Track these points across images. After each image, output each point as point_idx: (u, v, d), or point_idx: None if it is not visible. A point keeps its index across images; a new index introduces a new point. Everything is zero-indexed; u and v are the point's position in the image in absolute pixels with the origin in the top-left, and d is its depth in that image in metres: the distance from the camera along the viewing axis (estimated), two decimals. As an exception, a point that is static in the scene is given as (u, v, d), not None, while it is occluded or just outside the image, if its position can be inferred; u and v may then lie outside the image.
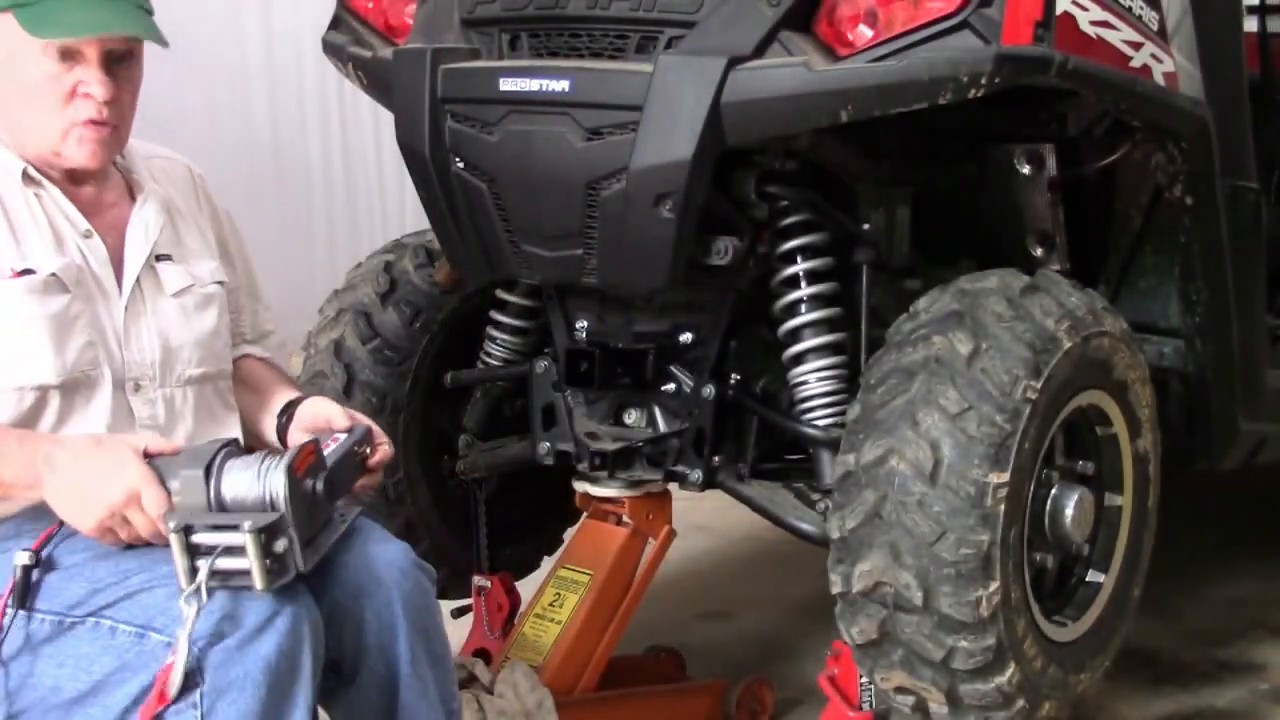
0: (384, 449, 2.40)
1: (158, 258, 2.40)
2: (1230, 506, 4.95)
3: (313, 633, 2.15)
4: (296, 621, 2.11)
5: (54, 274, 2.25)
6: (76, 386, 2.27)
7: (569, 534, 3.52)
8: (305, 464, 2.15)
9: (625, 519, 3.29)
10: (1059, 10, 2.70)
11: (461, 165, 3.02)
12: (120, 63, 2.29)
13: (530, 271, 3.09)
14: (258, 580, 2.06)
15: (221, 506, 2.10)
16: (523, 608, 3.36)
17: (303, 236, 5.60)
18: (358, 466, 2.35)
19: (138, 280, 2.36)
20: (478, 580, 3.43)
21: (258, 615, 2.08)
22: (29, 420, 2.24)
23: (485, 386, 3.47)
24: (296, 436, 2.44)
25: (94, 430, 2.27)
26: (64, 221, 2.31)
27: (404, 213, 5.76)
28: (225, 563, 2.06)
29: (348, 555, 2.28)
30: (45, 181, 2.31)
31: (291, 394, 2.54)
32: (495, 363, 3.42)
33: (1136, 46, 2.88)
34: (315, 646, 2.15)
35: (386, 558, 2.30)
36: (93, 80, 2.25)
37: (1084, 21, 2.77)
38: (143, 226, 2.39)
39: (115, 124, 2.29)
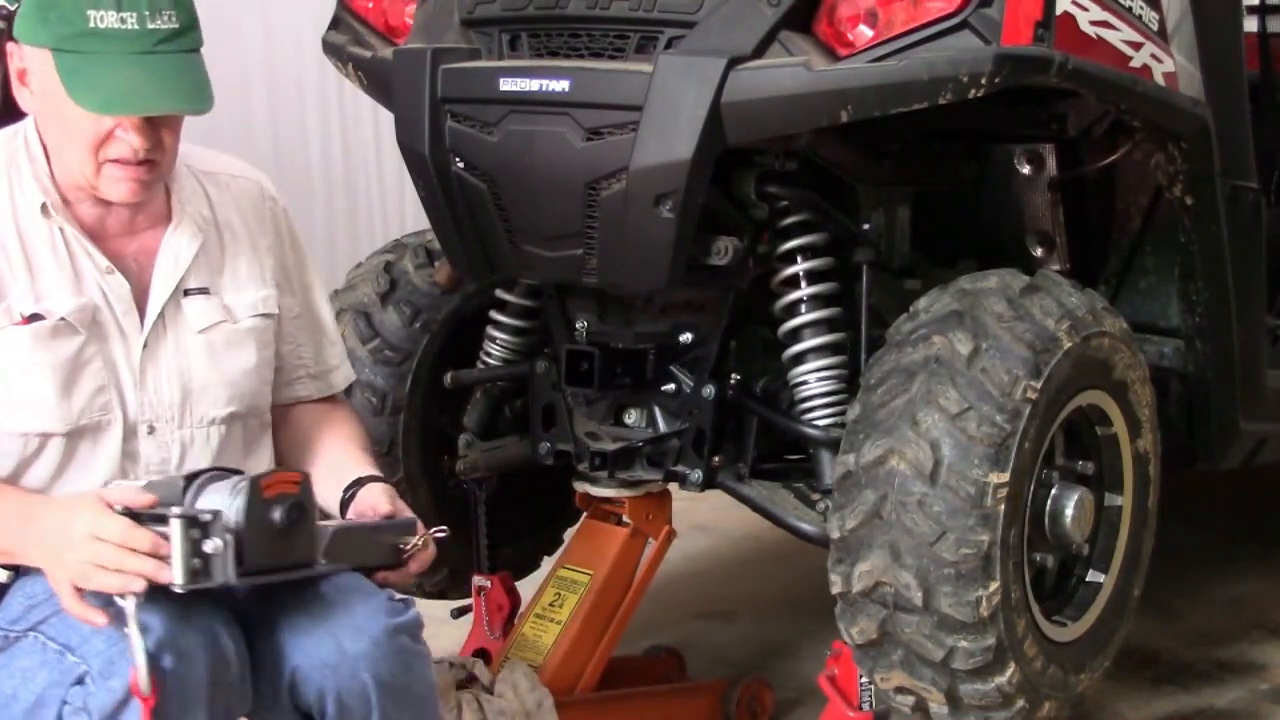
0: (425, 555, 2.27)
1: (188, 291, 2.31)
2: (1230, 506, 4.95)
3: (213, 664, 2.07)
4: (196, 648, 2.04)
5: (64, 318, 2.19)
6: (83, 433, 2.22)
7: (569, 534, 3.52)
8: (277, 488, 2.07)
9: (625, 519, 3.29)
10: (1059, 10, 2.70)
11: (461, 165, 3.02)
12: None
13: (530, 271, 3.09)
14: (177, 573, 1.98)
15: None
16: (523, 608, 3.36)
17: (303, 236, 5.59)
18: (386, 551, 2.24)
19: (162, 317, 2.28)
20: (478, 580, 3.43)
21: (156, 635, 2.01)
22: (30, 463, 2.21)
23: (485, 386, 3.46)
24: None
25: (97, 475, 2.23)
26: (85, 257, 2.24)
27: (404, 213, 5.75)
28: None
29: (312, 622, 2.19)
30: (68, 217, 2.24)
31: (363, 467, 2.41)
32: (495, 363, 3.42)
33: (1136, 46, 2.88)
34: (215, 675, 2.07)
35: (355, 625, 2.18)
36: (129, 127, 2.17)
37: (1084, 21, 2.77)
38: (171, 258, 2.30)
39: (154, 160, 2.21)
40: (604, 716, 3.27)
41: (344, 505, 2.35)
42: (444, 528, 2.32)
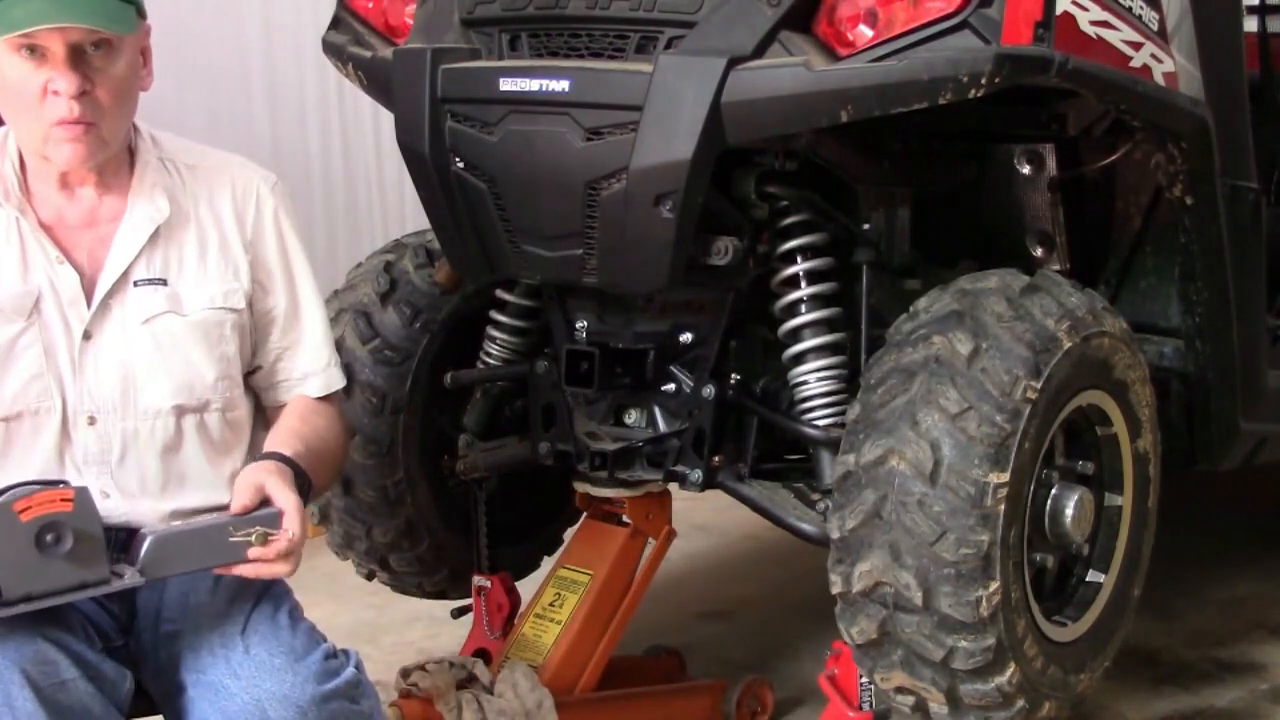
0: (279, 544, 2.15)
1: (138, 281, 2.31)
2: (1230, 506, 4.95)
3: (38, 686, 2.04)
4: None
5: None
6: (21, 419, 2.24)
7: (569, 534, 3.53)
8: (37, 510, 1.99)
9: (625, 519, 3.29)
10: (1059, 10, 2.70)
11: (461, 165, 3.02)
12: (96, 52, 2.20)
13: (530, 271, 3.09)
14: None
15: None
16: (523, 608, 3.36)
17: (302, 236, 5.59)
18: (239, 548, 2.12)
19: (108, 307, 2.29)
20: (478, 580, 3.43)
21: None
22: None
23: (485, 386, 3.46)
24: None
25: (36, 463, 2.23)
26: (37, 247, 2.26)
27: (404, 213, 5.75)
28: None
29: (239, 686, 2.16)
30: (25, 208, 2.27)
31: (276, 448, 2.32)
32: (495, 363, 3.42)
33: (1136, 46, 2.88)
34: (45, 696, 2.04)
35: (281, 693, 2.14)
36: (57, 77, 2.18)
37: (1084, 21, 2.77)
38: (121, 247, 2.31)
39: (92, 121, 2.21)
40: (604, 716, 3.27)
41: None
42: (277, 512, 2.15)
